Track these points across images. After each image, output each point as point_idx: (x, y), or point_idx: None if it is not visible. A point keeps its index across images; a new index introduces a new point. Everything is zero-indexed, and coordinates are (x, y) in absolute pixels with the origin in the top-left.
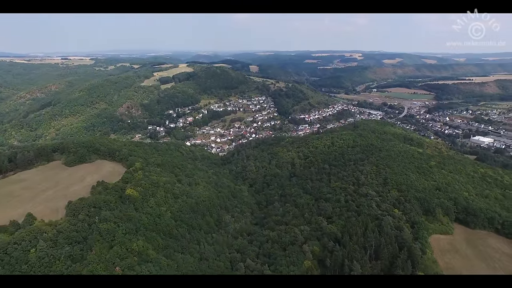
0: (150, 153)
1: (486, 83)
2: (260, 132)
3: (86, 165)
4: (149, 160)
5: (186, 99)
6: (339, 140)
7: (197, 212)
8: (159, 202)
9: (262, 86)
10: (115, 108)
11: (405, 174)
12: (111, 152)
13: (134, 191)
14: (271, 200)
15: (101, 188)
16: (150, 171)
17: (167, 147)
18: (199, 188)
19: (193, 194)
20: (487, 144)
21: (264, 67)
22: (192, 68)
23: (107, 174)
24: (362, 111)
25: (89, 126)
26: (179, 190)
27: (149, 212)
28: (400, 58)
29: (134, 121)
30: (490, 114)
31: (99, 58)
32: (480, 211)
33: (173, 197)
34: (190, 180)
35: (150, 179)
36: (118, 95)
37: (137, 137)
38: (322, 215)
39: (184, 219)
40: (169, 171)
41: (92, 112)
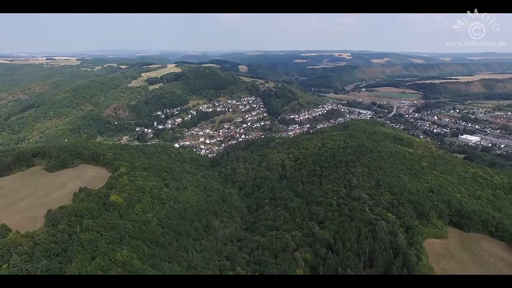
0: (136, 156)
1: (472, 82)
2: (250, 132)
3: (68, 170)
4: (135, 164)
5: (174, 100)
6: (329, 141)
7: (185, 218)
8: (145, 209)
9: (251, 86)
10: (102, 109)
11: (397, 176)
12: (95, 156)
13: (119, 198)
14: (261, 203)
15: (84, 195)
16: (136, 176)
17: (155, 149)
18: (187, 192)
19: (181, 199)
20: (474, 143)
21: (253, 67)
22: (181, 68)
23: (90, 180)
24: (352, 111)
25: (75, 129)
26: (166, 195)
27: (134, 219)
28: (388, 58)
29: (121, 123)
30: (476, 113)
31: (85, 58)
32: (474, 214)
33: (160, 203)
34: (178, 184)
35: (136, 184)
36: (104, 96)
37: (125, 139)
38: (313, 219)
39: (171, 225)
40: (156, 175)
41: (77, 114)
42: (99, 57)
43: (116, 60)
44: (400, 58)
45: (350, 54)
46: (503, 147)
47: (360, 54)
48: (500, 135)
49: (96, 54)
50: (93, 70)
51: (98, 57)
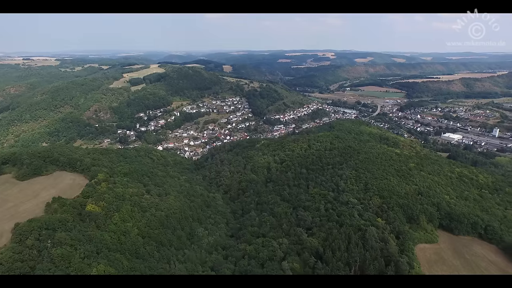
0: (116, 161)
1: (452, 81)
2: (235, 133)
3: (41, 178)
4: (115, 169)
5: (157, 101)
6: (316, 142)
7: (167, 226)
8: (124, 218)
9: (236, 86)
10: (82, 112)
11: (385, 178)
12: (71, 162)
13: (96, 207)
14: (247, 208)
15: (57, 205)
16: (115, 182)
17: (137, 153)
18: (169, 198)
19: (162, 206)
20: (456, 141)
21: (237, 67)
22: (164, 69)
23: (65, 188)
24: (337, 110)
25: (53, 132)
26: (147, 203)
27: (113, 230)
28: (371, 57)
29: (103, 125)
30: (457, 111)
31: (65, 59)
32: (463, 217)
33: (141, 211)
34: (160, 190)
35: (115, 191)
36: (85, 98)
37: (106, 142)
38: (301, 225)
39: (152, 235)
40: (137, 181)
41: (56, 117)
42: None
43: (98, 60)
44: (382, 57)
45: (334, 53)
46: (483, 145)
47: (344, 53)
48: (480, 133)
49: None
50: (73, 71)
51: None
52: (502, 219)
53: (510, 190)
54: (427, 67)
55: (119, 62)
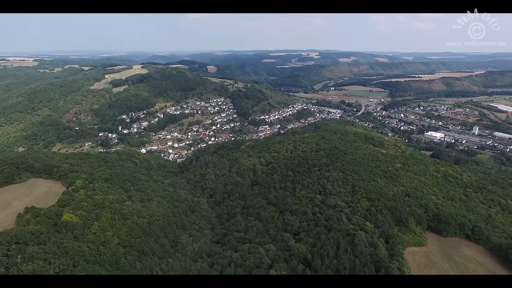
0: (96, 166)
1: (433, 81)
2: (220, 135)
3: (14, 186)
4: (95, 175)
5: (140, 102)
6: (301, 143)
7: (149, 234)
8: (104, 227)
9: (220, 87)
10: (61, 114)
11: (373, 180)
12: (47, 169)
13: (73, 216)
14: (232, 212)
15: (30, 215)
16: (94, 189)
17: (118, 157)
18: (152, 204)
19: (145, 212)
20: (439, 139)
21: (222, 67)
22: (147, 70)
23: (40, 197)
24: (322, 110)
25: (30, 136)
26: (128, 210)
27: (91, 240)
28: (355, 57)
29: (83, 128)
30: (439, 109)
31: (44, 59)
32: (451, 218)
33: (122, 219)
34: (142, 196)
35: (94, 199)
36: (64, 100)
37: (87, 146)
38: (288, 230)
39: (134, 244)
40: (118, 186)
41: (33, 120)
42: (60, 58)
43: (79, 61)
44: (366, 57)
45: (318, 53)
46: (464, 143)
47: (328, 53)
48: (461, 131)
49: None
50: (53, 72)
51: (59, 58)
52: (487, 219)
53: (493, 189)
54: (409, 67)
55: (101, 63)
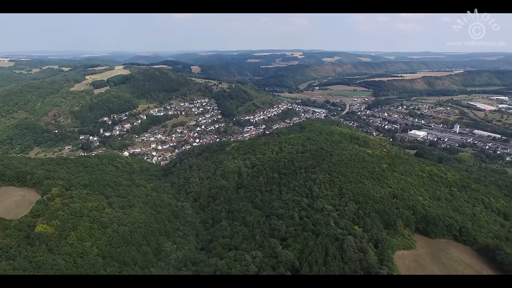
0: (75, 171)
1: (415, 80)
2: (204, 136)
3: None
4: (73, 181)
5: (122, 104)
6: (287, 145)
7: (131, 243)
8: (82, 237)
9: (204, 87)
10: (39, 117)
11: (360, 182)
12: (20, 176)
13: (48, 227)
14: (217, 217)
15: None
16: (72, 197)
17: (99, 161)
18: (134, 211)
19: (126, 220)
20: (422, 138)
21: (206, 68)
22: (129, 70)
23: (11, 207)
24: (307, 110)
25: (5, 140)
26: (109, 217)
27: (67, 252)
28: (339, 57)
29: (63, 131)
30: (421, 108)
31: (21, 60)
32: (439, 219)
33: (101, 227)
34: (123, 202)
35: (71, 207)
36: (42, 102)
37: (67, 149)
38: (275, 236)
39: (114, 254)
40: (98, 193)
41: (8, 123)
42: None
43: (58, 61)
44: (349, 57)
45: (302, 53)
46: (446, 141)
47: (312, 53)
48: (443, 129)
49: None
50: (30, 73)
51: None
52: (472, 218)
53: (476, 187)
54: (391, 66)
55: (82, 63)
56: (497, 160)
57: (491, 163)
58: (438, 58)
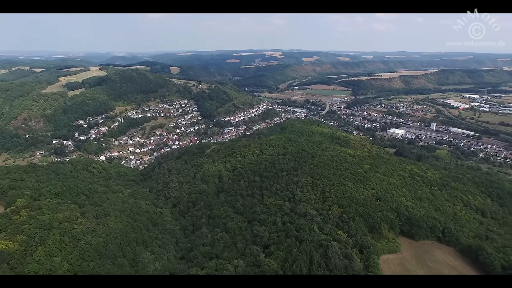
0: (45, 179)
1: (393, 79)
2: (184, 138)
3: None
4: (43, 190)
5: (98, 106)
6: (268, 147)
7: (105, 255)
8: (50, 251)
9: (183, 88)
10: (7, 121)
11: (342, 184)
12: None
13: (11, 243)
14: (198, 224)
15: None
16: (40, 208)
17: (73, 167)
18: (109, 220)
19: (100, 230)
20: (401, 136)
21: (185, 68)
22: (106, 72)
23: None
24: (287, 110)
25: None
26: (81, 229)
27: (33, 270)
28: (318, 56)
29: (34, 136)
30: (399, 107)
31: None
32: (422, 221)
33: (73, 240)
34: (98, 211)
35: (39, 220)
36: (10, 105)
37: (39, 155)
38: (257, 243)
39: (86, 268)
40: (71, 202)
41: None
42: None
43: (29, 62)
44: (328, 56)
45: (281, 53)
46: (424, 139)
47: (291, 53)
48: (420, 127)
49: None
50: None
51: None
52: (454, 218)
53: (455, 185)
54: (369, 65)
55: (55, 64)
56: (472, 156)
57: (466, 159)
58: (414, 58)
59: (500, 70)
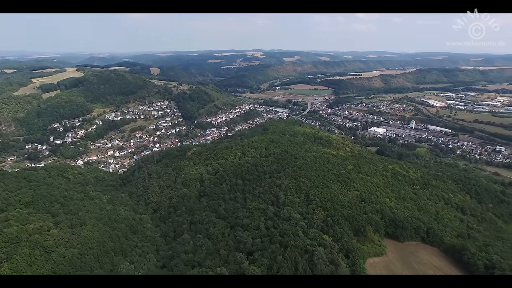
0: (15, 187)
1: (373, 78)
2: (165, 140)
3: None
4: (12, 199)
5: (75, 109)
6: (250, 149)
7: (80, 267)
8: (18, 267)
9: (164, 89)
10: None
11: (326, 186)
12: None
13: None
14: (179, 230)
15: None
16: (8, 219)
17: (46, 173)
18: (85, 229)
19: (75, 241)
20: (381, 134)
21: (165, 69)
22: (83, 73)
23: None
24: (269, 110)
25: None
26: (54, 240)
27: None
28: (299, 56)
29: (5, 140)
30: (379, 106)
31: None
32: (407, 222)
33: (45, 253)
34: (73, 220)
35: (5, 233)
36: None
37: (10, 160)
38: (241, 249)
39: None
40: (44, 211)
41: None
42: None
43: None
44: (309, 56)
45: (263, 53)
46: (404, 137)
47: (272, 53)
48: (400, 126)
49: None
50: None
51: None
52: (436, 216)
53: (436, 183)
54: (350, 65)
55: (28, 65)
56: (449, 153)
57: (444, 156)
58: (392, 57)
59: (472, 69)
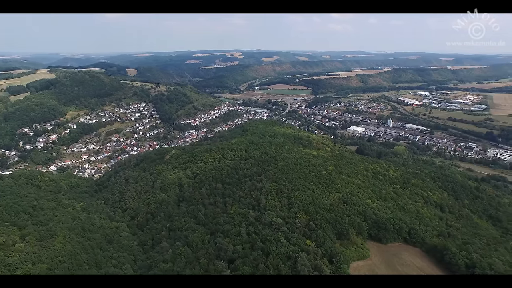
0: None
1: (350, 77)
2: (143, 143)
3: None
4: None
5: (46, 112)
6: (230, 151)
7: None
8: None
9: (141, 91)
10: None
11: (308, 189)
12: None
13: None
14: (157, 237)
15: None
16: None
17: (14, 182)
18: (56, 242)
19: (44, 255)
20: (360, 133)
21: (143, 70)
22: (55, 74)
23: None
24: (248, 110)
25: None
26: (19, 256)
27: None
28: (277, 56)
29: None
30: (358, 105)
31: None
32: (389, 223)
33: (8, 271)
34: (42, 232)
35: None
36: None
37: None
38: (222, 257)
39: None
40: (9, 223)
41: None
42: None
43: None
44: (288, 56)
45: (241, 53)
46: (382, 135)
47: (251, 53)
48: (378, 124)
49: None
50: None
51: None
52: (417, 216)
53: (415, 182)
54: (328, 65)
55: None
56: (426, 151)
57: (422, 154)
58: (369, 57)
59: (445, 69)
